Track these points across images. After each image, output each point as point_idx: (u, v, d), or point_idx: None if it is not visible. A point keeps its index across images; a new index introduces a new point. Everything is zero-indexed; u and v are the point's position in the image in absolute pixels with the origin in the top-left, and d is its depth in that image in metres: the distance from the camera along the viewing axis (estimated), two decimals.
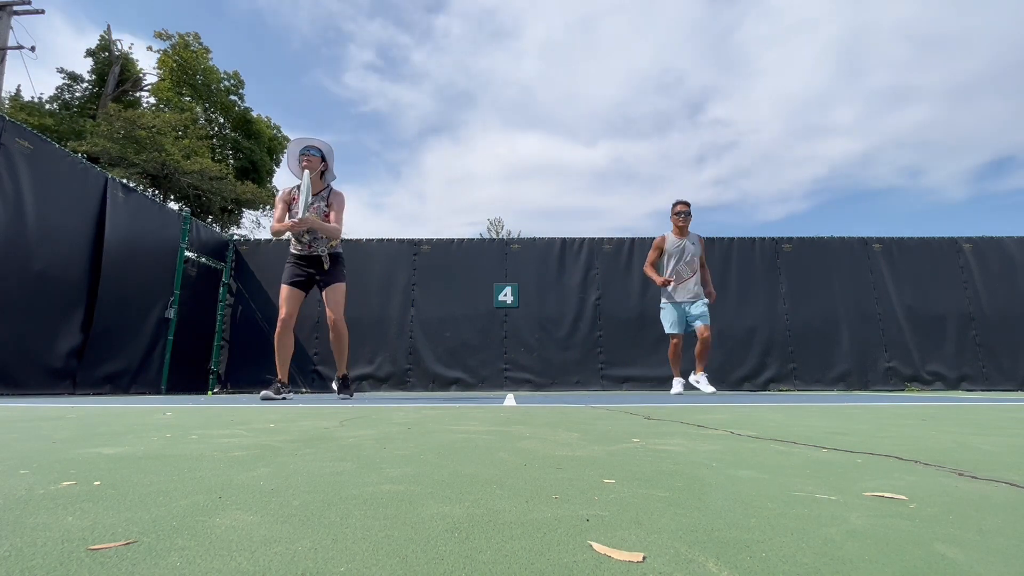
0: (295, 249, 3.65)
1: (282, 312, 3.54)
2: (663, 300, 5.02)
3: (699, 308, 4.81)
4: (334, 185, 3.79)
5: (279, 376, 3.56)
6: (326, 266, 3.63)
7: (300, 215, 3.40)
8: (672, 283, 4.86)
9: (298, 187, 3.65)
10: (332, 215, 3.63)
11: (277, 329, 3.52)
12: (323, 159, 3.71)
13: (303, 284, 3.65)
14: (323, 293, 3.65)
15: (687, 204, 5.02)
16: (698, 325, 4.77)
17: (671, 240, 5.00)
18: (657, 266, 5.11)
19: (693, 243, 4.93)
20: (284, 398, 3.52)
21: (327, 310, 3.62)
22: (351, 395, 3.81)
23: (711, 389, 4.77)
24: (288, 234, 3.63)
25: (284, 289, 3.61)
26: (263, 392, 3.44)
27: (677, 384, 4.96)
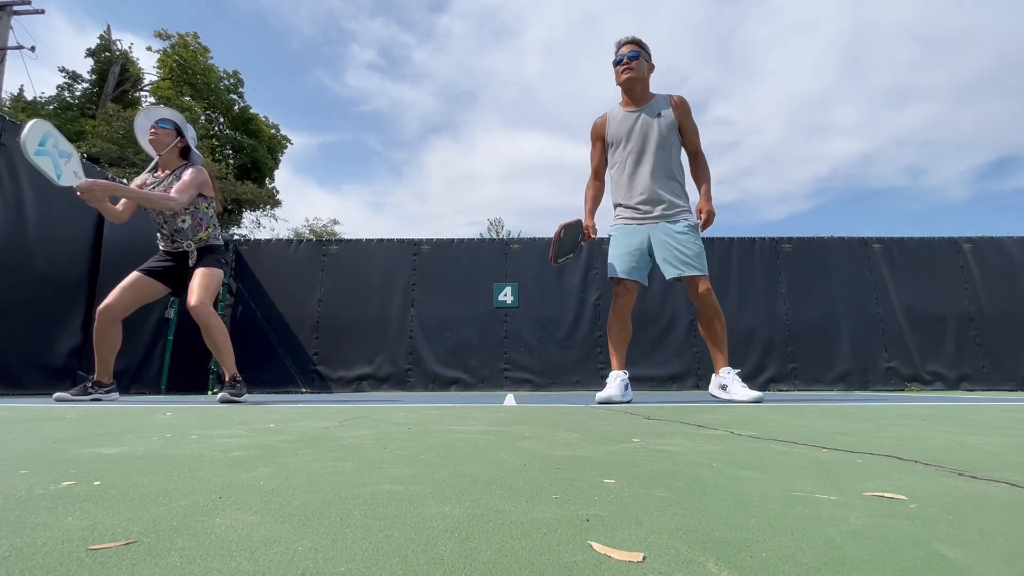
0: (160, 245, 3.11)
1: (108, 298, 2.93)
2: (612, 221, 2.98)
3: (678, 239, 2.73)
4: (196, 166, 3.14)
5: (96, 374, 2.98)
6: (191, 262, 3.06)
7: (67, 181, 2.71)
8: (590, 237, 2.93)
9: (151, 171, 3.11)
10: (174, 187, 2.96)
11: (96, 320, 2.94)
12: (179, 133, 3.09)
13: (158, 274, 3.05)
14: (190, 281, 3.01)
15: (635, 43, 2.82)
16: (687, 274, 2.71)
17: (616, 118, 2.88)
18: (601, 177, 3.00)
19: (658, 114, 2.79)
20: (97, 399, 2.93)
21: (188, 297, 2.93)
22: (240, 397, 2.98)
23: (751, 395, 2.60)
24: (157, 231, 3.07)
25: (133, 273, 3.02)
26: (56, 393, 2.89)
27: (613, 381, 2.79)
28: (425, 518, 0.51)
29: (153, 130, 3.03)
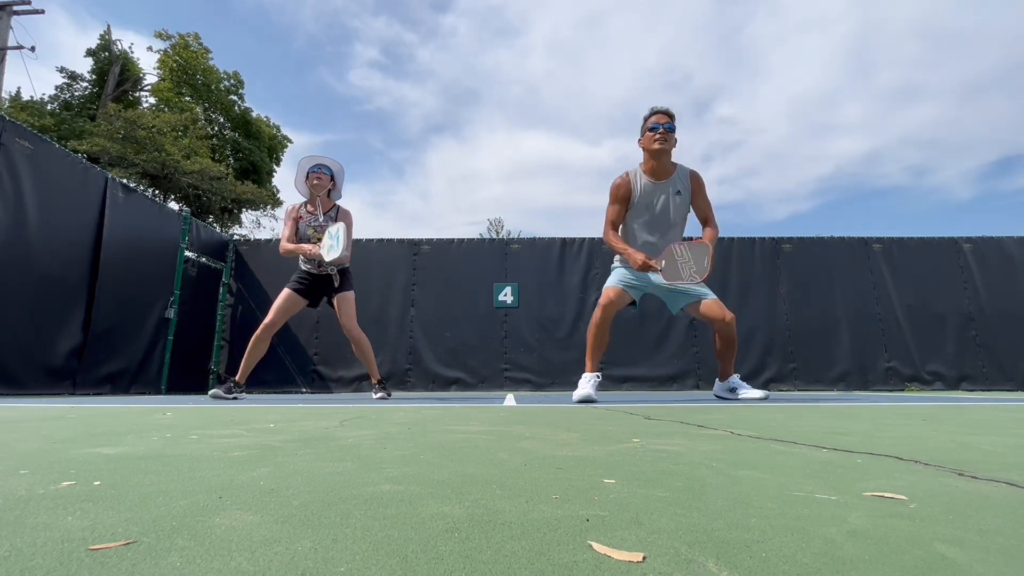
0: (304, 266, 3.72)
1: (271, 316, 3.52)
2: (617, 263, 3.18)
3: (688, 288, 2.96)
4: (340, 204, 3.86)
5: (238, 377, 3.52)
6: (336, 284, 3.72)
7: (326, 255, 3.44)
8: (655, 264, 2.84)
9: (304, 204, 3.74)
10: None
11: (258, 332, 3.49)
12: (332, 178, 3.76)
13: (306, 293, 3.68)
14: (334, 304, 3.72)
15: (672, 116, 2.96)
16: (702, 301, 2.95)
17: (639, 187, 3.00)
18: (621, 231, 3.15)
19: (678, 192, 2.97)
20: (235, 398, 3.47)
21: (341, 320, 3.69)
22: (389, 395, 3.78)
23: (756, 393, 2.90)
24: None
25: (285, 292, 3.60)
26: (213, 390, 3.43)
27: (584, 382, 2.91)
28: (425, 518, 0.51)
29: (317, 175, 3.66)
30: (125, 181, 7.78)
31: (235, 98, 19.63)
